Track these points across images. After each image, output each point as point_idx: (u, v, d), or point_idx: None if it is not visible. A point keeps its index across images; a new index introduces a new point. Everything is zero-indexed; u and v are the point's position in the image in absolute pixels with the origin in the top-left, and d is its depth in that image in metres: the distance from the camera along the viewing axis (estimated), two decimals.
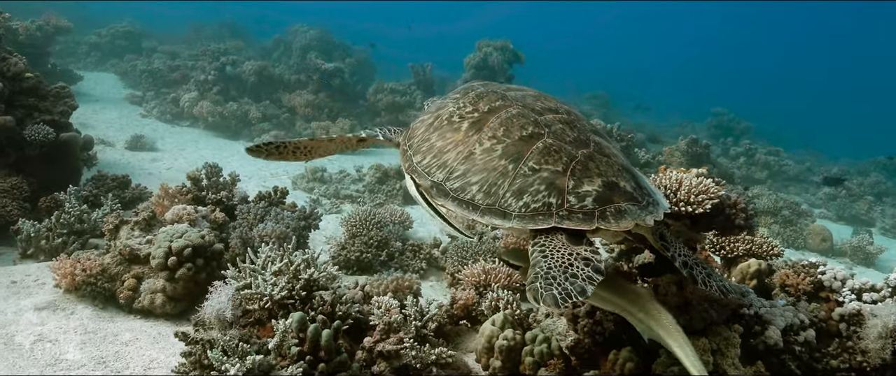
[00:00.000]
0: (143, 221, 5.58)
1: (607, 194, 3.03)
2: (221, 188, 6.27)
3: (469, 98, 3.63)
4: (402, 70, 25.93)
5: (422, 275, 7.04)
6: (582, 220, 2.94)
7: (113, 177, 7.72)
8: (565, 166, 3.09)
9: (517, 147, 3.20)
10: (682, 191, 3.76)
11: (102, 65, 20.41)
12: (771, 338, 3.89)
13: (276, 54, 22.40)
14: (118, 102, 16.14)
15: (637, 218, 3.02)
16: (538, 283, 2.69)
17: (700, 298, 3.77)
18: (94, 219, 6.52)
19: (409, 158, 3.54)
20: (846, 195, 14.76)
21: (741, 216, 3.86)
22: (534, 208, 2.98)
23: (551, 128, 3.30)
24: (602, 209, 2.97)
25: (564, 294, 2.63)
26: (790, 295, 4.53)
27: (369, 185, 10.74)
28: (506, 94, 3.62)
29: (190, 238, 5.05)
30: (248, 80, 16.51)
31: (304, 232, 5.85)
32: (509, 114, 3.38)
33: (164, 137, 13.61)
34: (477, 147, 3.28)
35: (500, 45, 16.98)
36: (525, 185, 3.05)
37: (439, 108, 3.72)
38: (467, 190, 3.16)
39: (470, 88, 3.82)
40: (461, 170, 3.24)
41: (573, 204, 2.97)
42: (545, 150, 3.15)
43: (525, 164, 3.11)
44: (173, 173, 10.82)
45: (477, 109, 3.50)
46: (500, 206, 3.04)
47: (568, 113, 3.53)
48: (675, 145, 13.36)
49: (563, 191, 3.00)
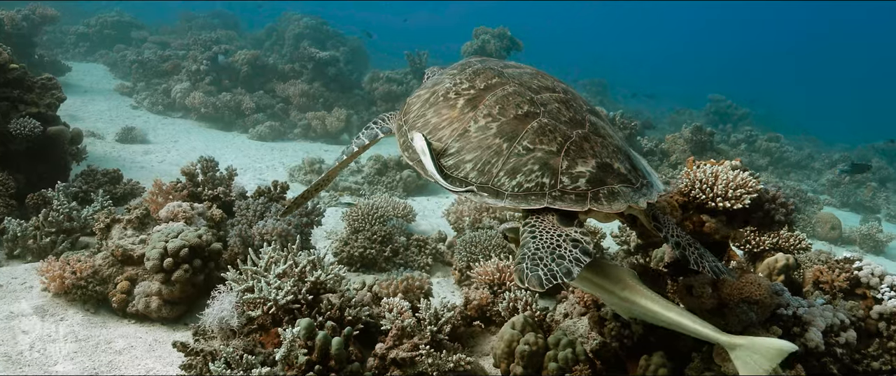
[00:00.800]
0: (136, 220, 5.28)
1: (601, 176, 3.00)
2: (218, 183, 5.97)
3: (466, 74, 3.58)
4: (397, 58, 25.59)
5: (428, 270, 6.78)
6: (574, 202, 2.92)
7: (103, 172, 7.40)
8: (559, 146, 3.07)
9: (512, 126, 3.17)
10: (719, 186, 3.50)
11: (91, 55, 19.97)
12: (812, 341, 3.65)
13: (267, 43, 22.00)
14: (108, 93, 15.74)
15: (630, 200, 3.00)
16: (524, 264, 2.70)
17: (738, 299, 3.52)
18: (85, 217, 6.22)
19: (405, 134, 3.53)
20: (850, 181, 14.54)
21: (781, 211, 3.60)
22: (527, 188, 2.97)
23: (547, 108, 3.26)
24: (595, 191, 2.95)
25: (550, 275, 2.65)
26: (825, 292, 4.29)
27: (368, 177, 10.44)
28: (503, 72, 3.57)
29: (186, 237, 4.76)
30: (241, 70, 16.13)
31: (307, 229, 5.56)
32: (505, 92, 3.34)
33: (156, 129, 13.26)
34: (472, 124, 3.25)
35: (498, 32, 16.65)
36: (519, 165, 3.03)
37: (436, 84, 3.65)
38: (461, 167, 3.15)
39: (467, 64, 3.78)
40: (455, 148, 3.22)
41: (566, 185, 2.96)
42: (540, 130, 3.12)
43: (519, 144, 3.09)
44: (166, 166, 10.49)
45: (473, 86, 3.46)
46: (493, 185, 3.03)
47: (565, 92, 3.48)
48: (679, 133, 13.10)
49: (557, 172, 2.98)
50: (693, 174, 3.63)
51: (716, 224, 3.58)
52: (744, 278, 3.57)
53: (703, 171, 3.64)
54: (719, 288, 3.57)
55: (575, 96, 3.51)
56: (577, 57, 42.51)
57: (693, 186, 3.60)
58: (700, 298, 3.57)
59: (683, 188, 3.68)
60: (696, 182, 3.58)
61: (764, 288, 3.51)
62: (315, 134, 14.66)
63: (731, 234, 3.64)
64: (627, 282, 3.15)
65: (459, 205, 7.40)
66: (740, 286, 3.53)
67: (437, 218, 9.13)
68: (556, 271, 2.67)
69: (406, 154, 3.47)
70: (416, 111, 3.57)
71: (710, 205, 3.51)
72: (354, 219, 7.18)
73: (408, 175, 10.46)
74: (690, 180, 3.61)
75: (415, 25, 44.59)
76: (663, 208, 3.57)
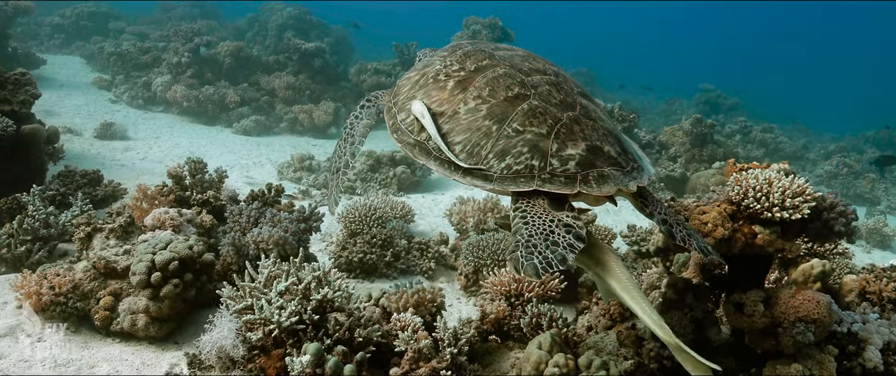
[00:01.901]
0: (120, 228, 4.86)
1: (591, 158, 2.98)
2: (207, 186, 5.56)
3: (456, 56, 3.54)
4: (384, 48, 25.07)
5: (430, 275, 6.42)
6: (564, 184, 2.90)
7: (82, 173, 6.94)
8: (549, 129, 3.04)
9: (502, 108, 3.13)
10: (775, 194, 3.15)
11: (67, 47, 19.30)
12: (871, 361, 3.34)
13: (249, 34, 21.39)
14: (85, 87, 15.15)
15: (620, 184, 2.97)
16: (519, 252, 2.67)
17: (794, 318, 3.18)
18: (63, 223, 5.80)
19: (394, 116, 3.49)
20: (848, 173, 14.35)
21: (841, 221, 3.27)
22: (516, 170, 2.95)
23: (537, 90, 3.22)
24: (584, 173, 2.93)
25: (545, 263, 2.62)
26: (873, 303, 3.97)
27: (361, 173, 10.03)
28: (494, 54, 3.52)
29: (176, 249, 4.35)
30: (224, 62, 15.59)
31: (305, 235, 5.16)
32: (496, 74, 3.30)
33: (137, 124, 12.74)
34: (462, 106, 3.22)
35: (489, 23, 16.25)
36: (508, 147, 3.00)
37: (426, 66, 3.63)
38: (450, 149, 3.09)
39: (458, 46, 3.73)
40: (445, 130, 3.18)
41: (556, 167, 2.93)
42: (530, 112, 3.09)
43: (509, 126, 3.06)
44: (148, 164, 10.02)
45: (464, 68, 3.42)
46: (482, 167, 3.00)
47: (556, 74, 3.43)
48: (678, 124, 12.80)
49: (547, 154, 2.96)
50: (744, 181, 3.28)
51: (769, 236, 3.24)
52: (800, 295, 3.24)
53: (754, 178, 3.29)
54: (773, 306, 3.24)
55: (566, 79, 3.46)
56: (564, 48, 42.21)
57: (745, 195, 3.25)
58: (751, 317, 3.25)
59: (734, 196, 3.33)
60: (749, 190, 3.23)
61: (823, 306, 3.19)
62: (302, 128, 14.21)
63: (785, 247, 3.30)
64: (608, 264, 3.04)
65: (462, 205, 7.04)
66: (796, 304, 3.20)
67: (435, 217, 8.76)
68: (552, 258, 2.63)
69: (395, 136, 3.40)
70: (406, 93, 3.53)
71: (765, 216, 3.17)
72: (351, 221, 6.78)
73: (402, 171, 10.07)
74: (743, 188, 3.26)
75: (402, 14, 44.03)
76: (713, 219, 3.23)
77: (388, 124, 3.54)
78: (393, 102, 3.59)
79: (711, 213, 3.22)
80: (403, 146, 3.33)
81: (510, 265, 2.70)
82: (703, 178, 11.05)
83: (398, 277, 6.28)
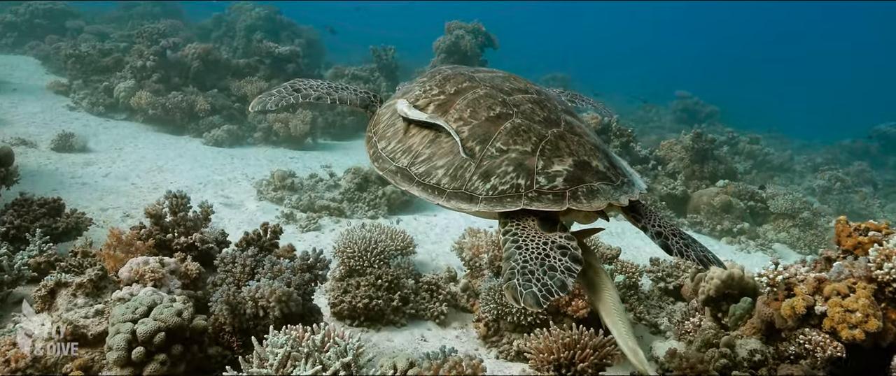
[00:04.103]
0: (90, 283, 4.07)
1: (578, 174, 2.91)
2: (191, 227, 4.77)
3: (436, 81, 3.53)
4: (355, 48, 24.29)
5: (442, 321, 5.72)
6: (552, 202, 2.81)
7: (40, 202, 6.06)
8: (534, 146, 2.97)
9: (484, 128, 3.07)
10: None
11: (20, 47, 18.04)
12: None
13: (215, 34, 20.35)
14: (40, 92, 14.02)
15: (610, 198, 2.89)
16: (516, 281, 2.53)
17: None
18: (18, 266, 4.97)
19: (374, 145, 3.45)
20: (841, 188, 14.04)
21: None
22: (501, 190, 2.86)
23: (520, 108, 3.17)
24: (573, 189, 2.85)
25: (545, 291, 2.48)
26: None
27: (348, 193, 9.25)
28: (474, 76, 3.51)
29: (161, 316, 3.57)
30: (192, 66, 14.58)
31: (310, 286, 4.41)
32: (476, 95, 3.27)
33: (98, 134, 11.73)
34: None
35: (472, 28, 15.63)
36: (492, 167, 2.93)
37: (405, 93, 3.60)
38: (433, 174, 3.05)
39: (437, 71, 3.73)
40: (426, 155, 3.13)
41: (543, 185, 2.85)
42: (513, 130, 3.03)
43: (492, 145, 2.99)
44: (112, 181, 9.10)
45: (443, 91, 3.39)
46: (466, 190, 2.92)
47: (538, 93, 3.40)
48: (677, 139, 12.31)
49: (533, 172, 2.88)
50: (892, 254, 2.66)
51: None
52: None
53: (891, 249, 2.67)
54: None
55: (549, 97, 3.42)
56: (537, 53, 41.72)
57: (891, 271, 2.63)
58: None
59: (874, 272, 2.71)
60: None
61: None
62: (277, 138, 13.36)
63: None
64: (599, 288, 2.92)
65: (474, 238, 6.34)
66: None
67: (432, 243, 8.07)
68: (551, 286, 2.49)
69: (376, 164, 3.36)
70: (386, 120, 3.51)
71: None
72: (350, 257, 6.06)
73: (391, 191, 9.33)
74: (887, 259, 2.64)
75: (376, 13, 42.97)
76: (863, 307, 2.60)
77: (368, 153, 3.48)
78: (373, 132, 3.54)
79: (859, 300, 2.59)
80: (385, 173, 3.26)
81: (507, 294, 2.52)
82: (706, 197, 10.57)
83: (407, 324, 5.58)
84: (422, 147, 3.18)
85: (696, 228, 10.45)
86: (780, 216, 10.46)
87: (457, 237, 8.82)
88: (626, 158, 11.43)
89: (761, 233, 10.39)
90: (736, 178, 11.68)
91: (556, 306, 5.16)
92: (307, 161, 12.43)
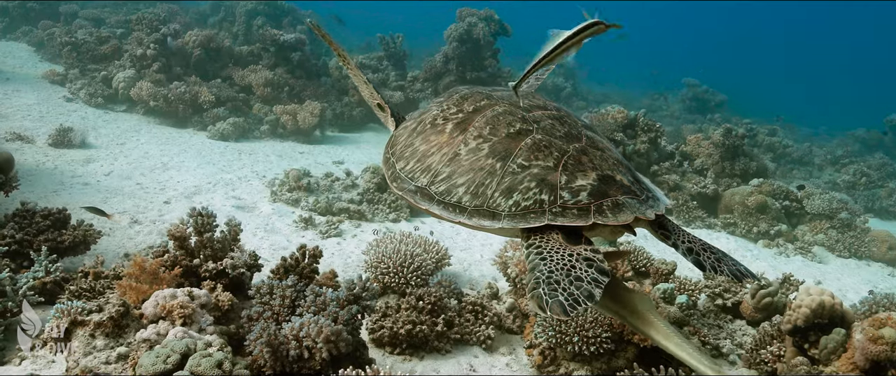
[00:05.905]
0: (110, 321, 3.54)
1: (603, 188, 2.83)
2: (219, 249, 4.23)
3: (453, 100, 3.53)
4: (357, 35, 23.59)
5: (489, 346, 5.22)
6: (577, 216, 2.74)
7: (44, 213, 5.52)
8: (556, 161, 2.92)
9: (504, 144, 3.04)
10: None
11: (12, 33, 17.35)
12: None
13: (213, 19, 19.61)
14: (35, 82, 13.36)
15: (637, 211, 2.79)
16: (541, 289, 2.42)
17: None
18: (23, 289, 4.44)
19: (392, 166, 3.39)
20: (867, 183, 13.59)
21: None
22: (524, 206, 2.80)
23: (540, 124, 3.15)
24: (598, 203, 2.77)
25: (572, 300, 2.38)
26: None
27: (367, 194, 8.72)
28: (491, 94, 3.51)
29: (199, 369, 3.06)
30: (193, 54, 13.95)
31: (357, 321, 3.90)
32: (495, 112, 3.25)
33: (97, 128, 11.12)
34: (462, 147, 3.13)
35: (485, 15, 15.01)
36: (514, 183, 2.88)
37: (422, 113, 3.60)
38: (453, 192, 2.98)
39: (454, 91, 3.76)
40: (446, 173, 3.08)
41: (567, 199, 2.78)
42: (534, 146, 2.99)
43: (513, 162, 2.95)
44: (115, 181, 8.54)
45: (462, 110, 3.38)
46: (488, 207, 2.86)
47: (557, 109, 3.39)
48: (704, 134, 11.80)
49: (556, 187, 2.81)
50: None
51: None
52: None
53: None
54: None
55: (569, 114, 3.41)
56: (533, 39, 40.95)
57: None
58: None
59: None
60: None
61: None
62: (285, 131, 12.79)
63: None
64: (643, 314, 2.86)
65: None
66: None
67: (462, 251, 7.58)
68: (578, 295, 2.40)
69: (395, 184, 3.28)
70: (404, 141, 3.46)
71: None
72: (384, 273, 5.56)
73: None
74: None
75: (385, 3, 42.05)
76: None
77: (386, 174, 3.42)
78: (390, 152, 3.49)
79: None
80: (405, 194, 3.18)
81: (532, 303, 2.44)
82: (739, 196, 10.08)
83: (452, 350, 5.08)
84: (441, 165, 3.12)
85: (729, 230, 9.97)
86: (816, 216, 9.97)
87: (483, 240, 8.34)
88: (653, 154, 10.95)
89: (799, 235, 9.91)
90: (767, 176, 11.18)
91: (619, 333, 4.67)
92: (318, 155, 11.87)
